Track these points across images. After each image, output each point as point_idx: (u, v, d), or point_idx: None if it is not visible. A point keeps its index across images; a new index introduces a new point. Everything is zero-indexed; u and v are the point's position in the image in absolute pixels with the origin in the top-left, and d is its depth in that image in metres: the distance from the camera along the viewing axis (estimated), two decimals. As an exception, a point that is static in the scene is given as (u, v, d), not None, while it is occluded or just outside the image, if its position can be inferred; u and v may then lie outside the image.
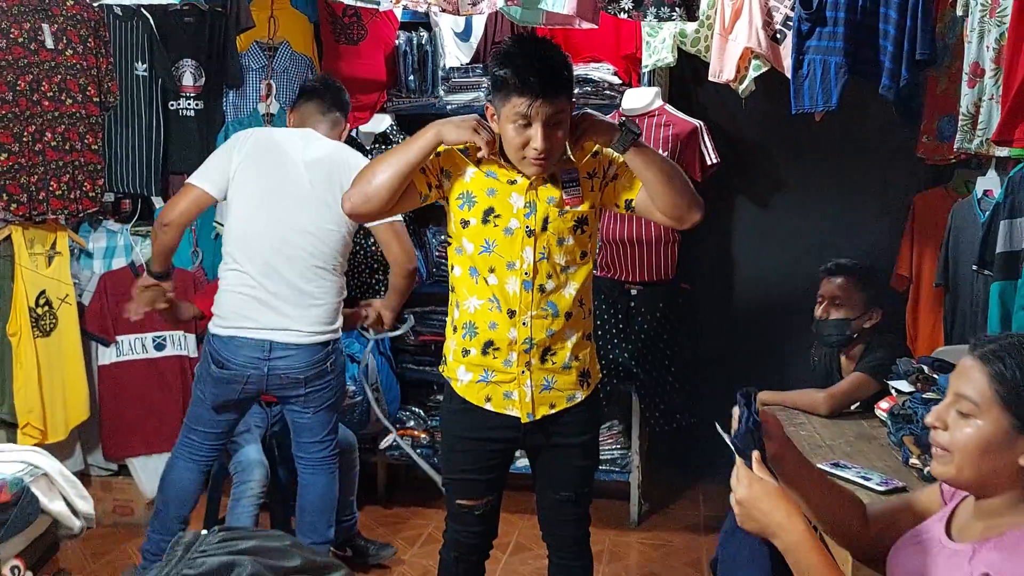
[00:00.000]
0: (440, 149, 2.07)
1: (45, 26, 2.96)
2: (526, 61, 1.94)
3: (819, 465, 2.06)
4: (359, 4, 2.07)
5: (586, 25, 1.92)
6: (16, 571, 1.14)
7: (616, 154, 2.06)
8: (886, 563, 1.46)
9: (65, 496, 1.20)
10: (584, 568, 2.36)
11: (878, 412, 2.36)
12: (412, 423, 3.84)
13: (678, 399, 3.62)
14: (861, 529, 1.53)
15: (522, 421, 2.13)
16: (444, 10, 1.80)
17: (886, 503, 1.65)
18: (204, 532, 1.08)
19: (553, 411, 2.15)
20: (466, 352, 2.15)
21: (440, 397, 3.71)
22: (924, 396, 2.08)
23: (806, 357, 3.08)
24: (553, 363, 2.13)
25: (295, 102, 2.88)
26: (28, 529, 1.14)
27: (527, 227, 2.06)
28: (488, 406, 2.14)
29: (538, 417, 2.14)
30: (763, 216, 4.12)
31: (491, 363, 2.12)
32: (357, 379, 3.65)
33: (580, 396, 2.16)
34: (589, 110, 2.10)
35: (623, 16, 1.73)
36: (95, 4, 3.17)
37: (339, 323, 2.80)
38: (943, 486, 1.47)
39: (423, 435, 3.83)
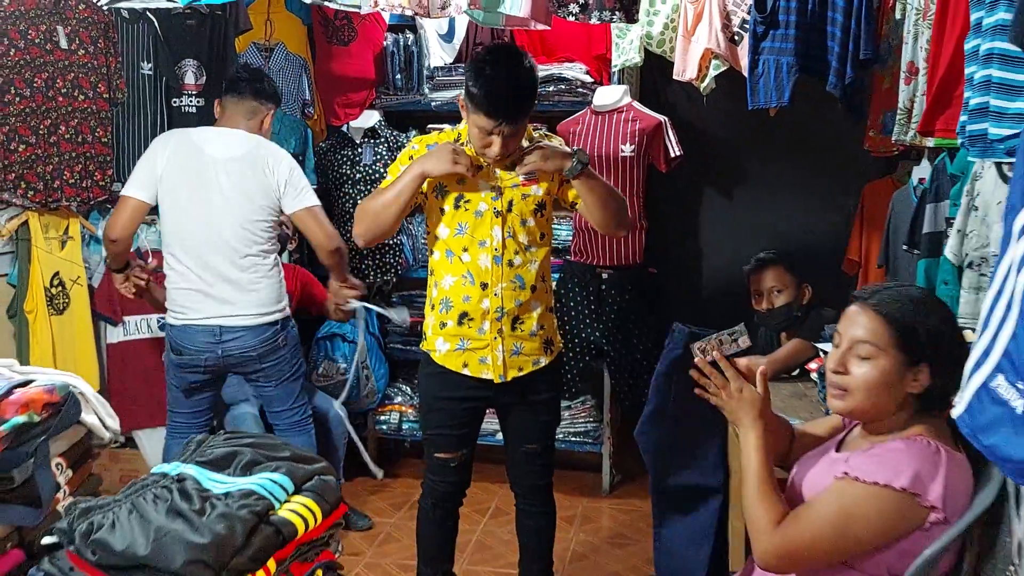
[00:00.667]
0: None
1: (60, 28, 3.20)
2: (496, 86, 2.16)
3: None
4: (341, 7, 2.30)
5: (540, 26, 2.17)
6: (60, 467, 1.40)
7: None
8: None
9: (96, 411, 1.45)
10: (546, 514, 2.65)
11: (810, 372, 2.63)
12: (399, 399, 4.10)
13: (646, 375, 3.87)
14: (788, 448, 1.82)
15: (495, 382, 2.41)
16: (416, 13, 2.06)
17: (804, 426, 1.93)
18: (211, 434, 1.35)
19: (521, 373, 2.44)
20: (443, 325, 2.43)
21: (426, 374, 3.99)
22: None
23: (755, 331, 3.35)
24: (521, 331, 2.42)
25: (221, 94, 3.06)
26: (69, 432, 1.39)
27: (495, 208, 2.35)
28: (465, 371, 2.42)
29: (509, 379, 2.43)
30: (725, 204, 4.37)
31: (466, 332, 2.40)
32: (348, 358, 3.92)
33: (544, 361, 2.46)
34: (545, 142, 2.35)
35: (571, 19, 1.98)
36: (104, 7, 3.40)
37: (284, 302, 2.99)
38: None
39: (410, 410, 4.09)
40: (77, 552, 1.11)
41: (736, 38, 3.34)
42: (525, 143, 2.33)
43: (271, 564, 1.16)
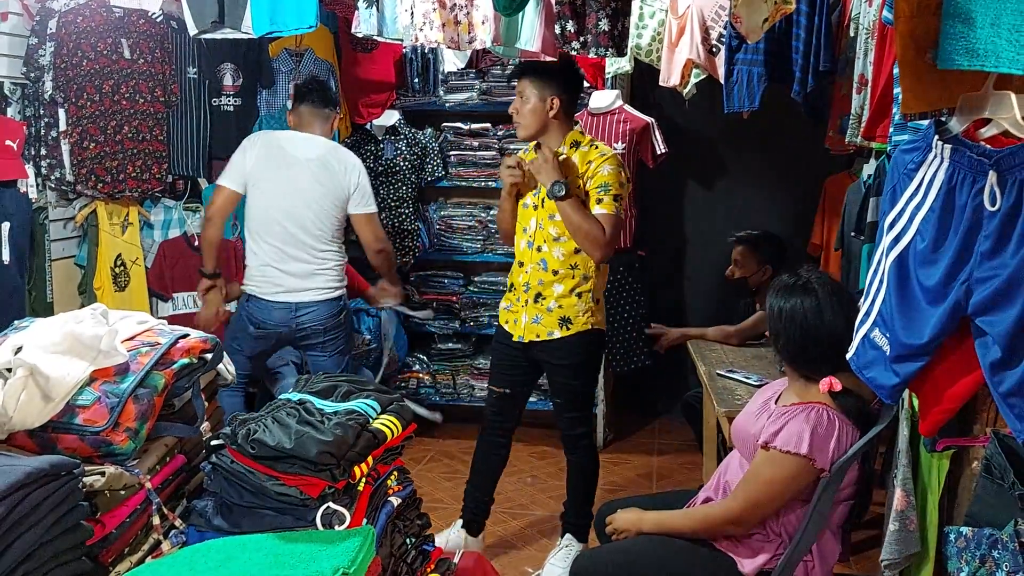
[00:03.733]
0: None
1: (124, 40, 3.64)
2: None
3: (717, 371, 2.87)
4: (387, 40, 2.75)
5: (548, 58, 2.66)
6: (200, 398, 1.90)
7: (593, 172, 2.86)
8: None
9: (222, 360, 1.94)
10: (575, 461, 3.17)
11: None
12: (417, 367, 4.60)
13: (634, 346, 4.39)
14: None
15: (514, 339, 2.99)
16: (449, 46, 2.52)
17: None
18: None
19: (538, 339, 2.99)
20: (507, 291, 3.11)
21: (440, 346, 4.51)
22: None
23: (735, 304, 3.86)
24: (541, 305, 2.97)
25: (293, 104, 3.52)
26: (208, 374, 1.90)
27: (534, 203, 2.95)
28: (506, 327, 3.06)
29: (526, 340, 2.99)
30: (704, 194, 4.84)
31: (511, 298, 3.06)
32: (373, 331, 4.41)
33: (557, 334, 2.97)
34: (545, 156, 2.85)
35: (573, 53, 2.45)
36: (158, 19, 3.83)
37: (344, 283, 3.43)
38: None
39: (426, 377, 4.59)
40: (239, 449, 1.59)
41: (714, 50, 3.70)
42: (566, 148, 2.90)
43: (369, 460, 1.65)
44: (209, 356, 1.78)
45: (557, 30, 2.34)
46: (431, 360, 4.60)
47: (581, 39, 2.32)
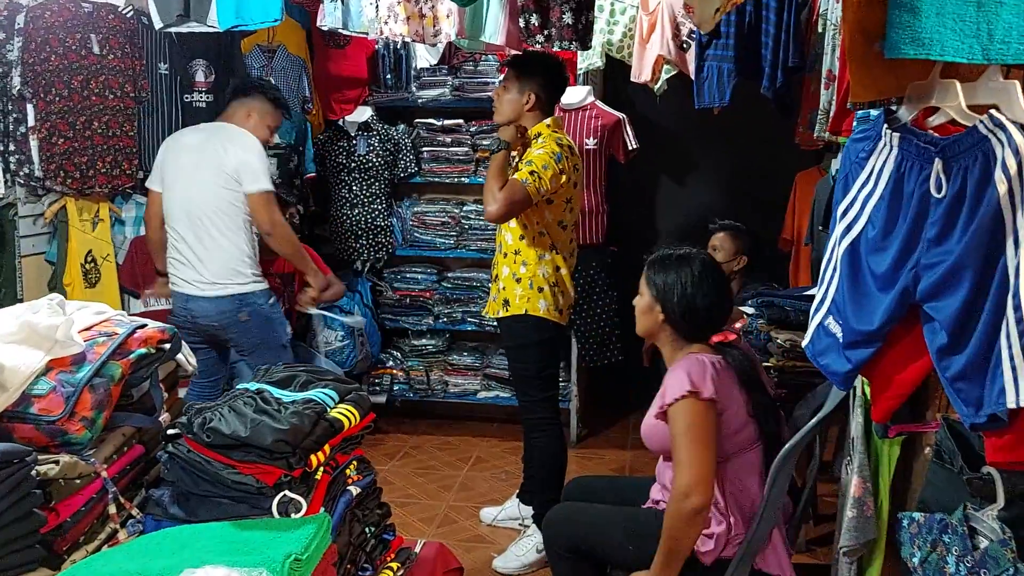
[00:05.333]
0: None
1: (93, 36, 3.62)
2: None
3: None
4: (353, 33, 2.76)
5: (513, 52, 2.68)
6: (159, 389, 1.89)
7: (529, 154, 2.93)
8: None
9: (183, 351, 1.94)
10: (535, 444, 3.23)
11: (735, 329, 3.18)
12: (391, 363, 4.60)
13: (607, 341, 4.41)
14: None
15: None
16: (414, 40, 2.53)
17: None
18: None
19: (490, 315, 3.21)
20: None
21: (414, 342, 4.52)
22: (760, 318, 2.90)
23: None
24: (496, 284, 3.15)
25: (227, 92, 3.56)
26: (167, 364, 1.90)
27: None
28: None
29: (490, 316, 3.23)
30: (676, 190, 4.87)
31: None
32: (345, 327, 4.40)
33: (501, 313, 3.13)
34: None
35: (537, 47, 2.46)
36: (127, 14, 3.81)
37: (249, 280, 3.26)
38: None
39: (400, 373, 4.59)
40: (194, 438, 1.60)
41: (684, 46, 3.71)
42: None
43: (327, 448, 1.66)
44: (167, 347, 1.78)
45: (521, 23, 2.35)
46: (405, 356, 4.61)
47: (545, 32, 2.34)
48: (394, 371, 4.59)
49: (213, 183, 3.24)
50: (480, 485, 3.96)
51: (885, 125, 1.56)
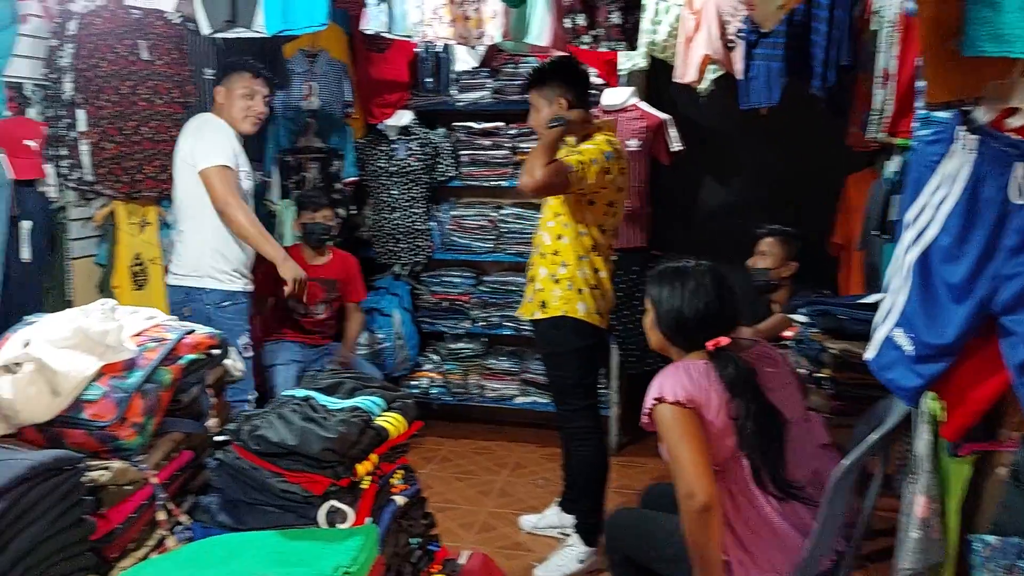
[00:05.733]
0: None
1: (142, 42, 3.64)
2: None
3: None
4: (397, 36, 2.74)
5: (558, 53, 2.63)
6: (209, 394, 1.88)
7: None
8: None
9: (230, 356, 1.93)
10: (574, 453, 3.18)
11: (785, 340, 3.10)
12: (428, 366, 4.58)
13: (648, 347, 4.33)
14: None
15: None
16: (458, 43, 2.50)
17: None
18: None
19: (526, 317, 3.12)
20: None
21: (452, 345, 4.50)
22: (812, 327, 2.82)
23: (751, 305, 3.79)
24: (532, 285, 3.09)
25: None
26: (215, 370, 1.89)
27: None
28: None
29: (526, 317, 3.15)
30: (721, 193, 4.76)
31: None
32: (385, 329, 4.40)
33: (538, 315, 3.05)
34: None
35: (583, 47, 2.42)
36: (175, 21, 3.84)
37: (205, 275, 3.23)
38: None
39: (437, 376, 4.57)
40: (243, 445, 1.58)
41: (731, 45, 3.60)
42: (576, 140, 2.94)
43: (373, 457, 1.63)
44: (216, 352, 1.77)
45: (567, 24, 2.31)
46: (442, 360, 4.58)
47: (592, 33, 2.29)
48: (432, 374, 4.57)
49: (180, 173, 3.32)
50: (519, 491, 3.92)
51: (961, 127, 1.49)
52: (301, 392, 1.73)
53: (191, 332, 1.74)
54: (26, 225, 3.03)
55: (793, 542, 1.95)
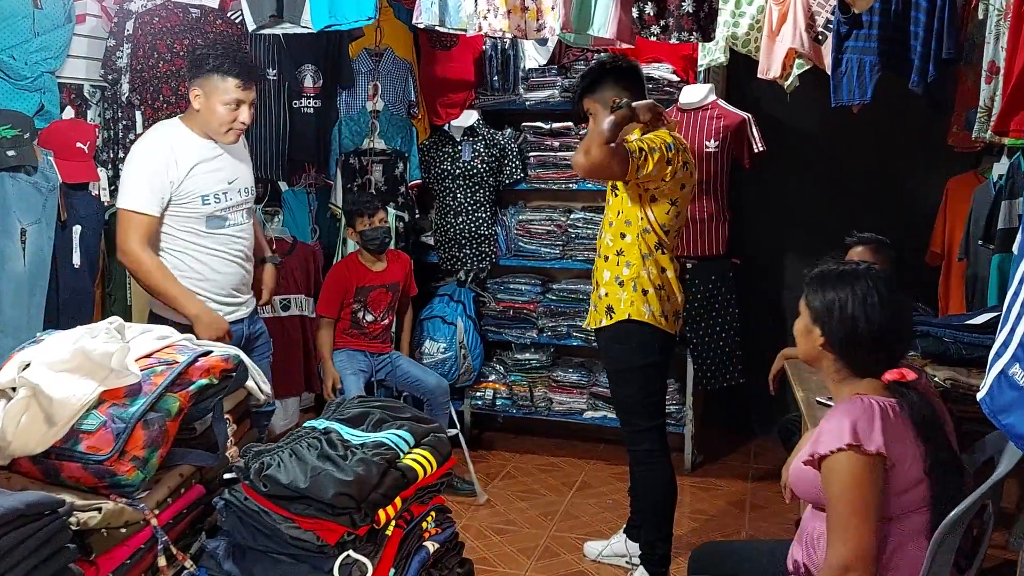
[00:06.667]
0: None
1: (200, 41, 3.58)
2: None
3: (817, 398, 2.56)
4: (449, 30, 2.57)
5: (625, 45, 2.40)
6: (227, 422, 1.74)
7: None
8: None
9: (253, 378, 1.78)
10: (640, 478, 2.99)
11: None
12: (493, 377, 4.41)
13: (727, 361, 4.07)
14: None
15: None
16: (515, 36, 2.31)
17: None
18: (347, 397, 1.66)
19: (591, 326, 2.94)
20: None
21: (517, 356, 4.33)
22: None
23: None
24: (597, 291, 2.90)
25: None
26: (235, 394, 1.73)
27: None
28: None
29: (586, 325, 3.03)
30: (807, 197, 4.46)
31: None
32: (448, 338, 4.25)
33: (604, 323, 2.85)
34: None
35: (652, 39, 2.19)
36: (236, 19, 3.76)
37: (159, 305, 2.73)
38: None
39: (502, 388, 4.39)
40: (251, 485, 1.42)
41: (820, 38, 3.42)
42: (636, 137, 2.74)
43: (397, 501, 1.45)
44: (233, 376, 1.61)
45: (635, 13, 2.09)
46: (507, 371, 4.40)
47: (662, 23, 2.07)
48: (496, 386, 4.40)
49: None
50: (585, 513, 3.70)
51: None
52: (322, 423, 1.56)
53: (206, 354, 1.58)
54: (77, 230, 2.98)
55: None
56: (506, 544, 3.39)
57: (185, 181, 2.66)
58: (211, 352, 1.61)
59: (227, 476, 1.49)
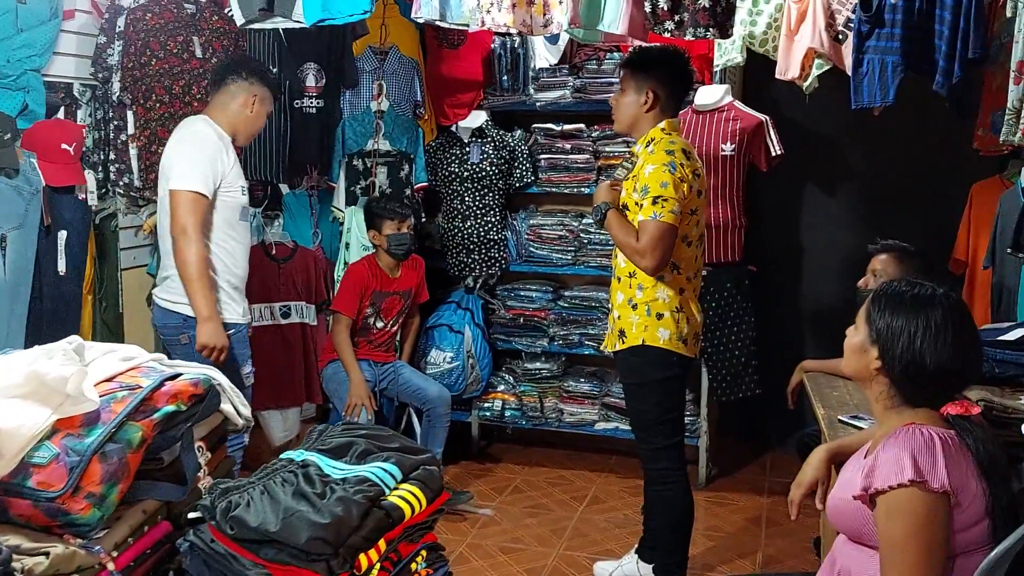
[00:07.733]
0: None
1: (195, 38, 3.46)
2: None
3: (839, 416, 2.41)
4: (452, 25, 2.43)
5: (637, 41, 2.27)
6: (200, 450, 1.60)
7: (637, 172, 2.64)
8: None
9: (231, 401, 1.64)
10: (656, 497, 2.87)
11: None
12: (502, 387, 4.27)
13: (743, 371, 3.91)
14: None
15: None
16: (520, 31, 2.17)
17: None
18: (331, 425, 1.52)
19: (608, 349, 2.86)
20: None
21: (527, 365, 4.20)
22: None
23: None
24: (612, 314, 2.78)
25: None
26: (209, 419, 1.60)
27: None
28: None
29: (601, 349, 3.06)
30: (827, 203, 4.33)
31: None
32: (455, 347, 4.11)
33: (618, 346, 2.75)
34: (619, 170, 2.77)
35: (666, 35, 2.05)
36: (240, 26, 3.64)
37: (188, 304, 2.76)
38: None
39: (511, 398, 4.25)
40: (217, 527, 1.29)
41: (840, 37, 3.32)
42: (640, 147, 2.70)
43: (381, 544, 1.31)
44: (203, 401, 1.47)
45: (647, 8, 1.95)
46: (517, 380, 4.26)
47: (676, 18, 1.93)
48: (506, 396, 4.26)
49: (161, 185, 2.88)
50: (595, 530, 3.55)
51: None
52: (300, 454, 1.42)
53: (174, 378, 1.45)
54: (62, 235, 2.86)
55: None
56: (512, 564, 3.26)
57: (231, 170, 2.89)
58: (180, 375, 1.47)
59: (191, 516, 1.35)
